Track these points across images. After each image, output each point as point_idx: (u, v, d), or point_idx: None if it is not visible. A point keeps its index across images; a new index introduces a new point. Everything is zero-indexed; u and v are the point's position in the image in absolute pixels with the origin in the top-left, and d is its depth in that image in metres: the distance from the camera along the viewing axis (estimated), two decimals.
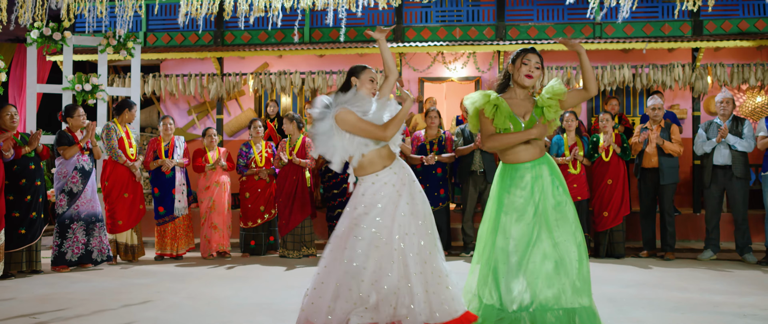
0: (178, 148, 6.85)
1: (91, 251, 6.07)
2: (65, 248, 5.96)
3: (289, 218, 6.76)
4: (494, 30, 9.10)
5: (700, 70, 8.57)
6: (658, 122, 6.67)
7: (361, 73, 3.51)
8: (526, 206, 3.33)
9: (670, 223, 6.68)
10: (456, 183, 7.60)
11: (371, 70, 3.53)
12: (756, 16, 8.69)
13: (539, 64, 3.40)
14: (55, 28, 7.46)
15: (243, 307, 4.26)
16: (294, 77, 9.09)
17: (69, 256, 5.97)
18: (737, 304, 4.34)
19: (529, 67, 3.38)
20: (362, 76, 3.48)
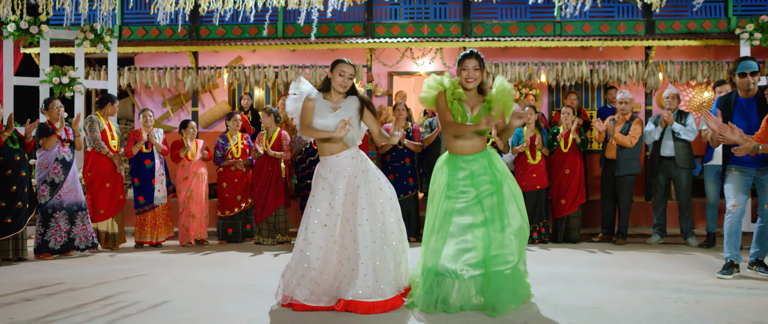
0: (157, 138, 7.08)
1: (73, 239, 6.30)
2: (48, 237, 6.17)
3: (264, 207, 7.07)
4: (460, 27, 9.50)
5: (653, 67, 9.12)
6: (625, 114, 7.12)
7: (334, 67, 4.05)
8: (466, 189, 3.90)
9: (624, 211, 7.17)
10: (424, 173, 7.99)
11: (343, 65, 4.03)
12: (703, 17, 9.26)
13: (478, 67, 3.91)
14: (32, 22, 7.59)
15: (227, 289, 4.57)
16: (267, 71, 9.37)
17: (52, 245, 6.19)
18: (675, 280, 4.83)
19: (467, 72, 3.94)
20: (334, 69, 4.02)
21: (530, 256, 6.13)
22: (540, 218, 7.13)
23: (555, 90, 9.81)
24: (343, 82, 4.02)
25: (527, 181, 7.05)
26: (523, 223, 3.96)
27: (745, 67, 5.01)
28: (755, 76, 5.00)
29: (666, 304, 4.00)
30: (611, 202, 7.28)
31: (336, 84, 4.02)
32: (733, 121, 4.99)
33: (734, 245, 4.94)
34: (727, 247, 4.98)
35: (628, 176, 7.07)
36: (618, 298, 4.21)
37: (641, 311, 3.80)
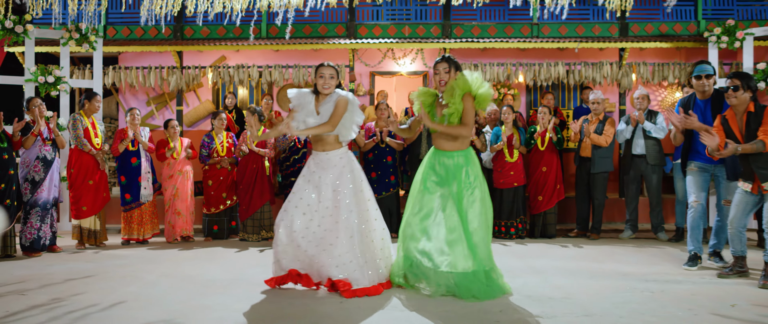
0: (143, 137, 7.20)
1: (41, 237, 6.35)
2: (41, 234, 6.28)
3: (249, 204, 7.23)
4: (440, 28, 9.72)
5: (626, 68, 9.42)
6: (598, 114, 7.38)
7: (316, 71, 4.48)
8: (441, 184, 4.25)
9: (598, 207, 7.44)
10: (405, 170, 8.20)
11: (322, 68, 4.45)
12: (674, 20, 9.58)
13: (448, 69, 4.28)
14: (17, 21, 7.67)
15: (215, 282, 4.74)
16: (251, 70, 9.50)
17: (23, 241, 6.27)
18: (643, 272, 5.10)
19: (439, 75, 4.34)
20: (316, 73, 4.46)
21: (508, 250, 6.38)
22: (517, 214, 7.37)
23: (532, 90, 10.07)
24: (324, 83, 4.39)
25: (505, 178, 7.30)
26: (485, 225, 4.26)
27: (700, 71, 5.32)
28: (709, 79, 5.30)
29: (633, 294, 4.26)
30: (586, 198, 7.55)
31: (319, 87, 4.43)
32: None
33: (697, 238, 5.23)
34: (690, 240, 5.27)
35: (601, 174, 7.34)
36: (588, 288, 4.46)
37: (609, 300, 4.05)
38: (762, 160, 4.52)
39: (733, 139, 4.65)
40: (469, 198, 4.22)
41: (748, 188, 4.66)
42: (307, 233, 4.32)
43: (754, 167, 4.56)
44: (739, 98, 4.60)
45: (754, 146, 4.45)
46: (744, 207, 4.70)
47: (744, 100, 4.60)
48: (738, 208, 4.73)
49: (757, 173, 4.56)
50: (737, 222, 4.74)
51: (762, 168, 4.53)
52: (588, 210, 7.59)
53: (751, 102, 4.60)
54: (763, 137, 4.45)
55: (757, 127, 4.53)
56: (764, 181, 4.55)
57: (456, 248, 4.14)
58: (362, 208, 4.36)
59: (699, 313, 3.72)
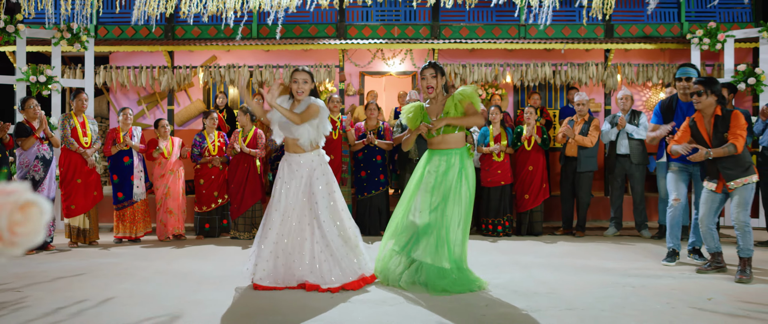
0: (135, 136, 7.27)
1: None
2: None
3: (240, 203, 7.32)
4: (429, 29, 9.85)
5: (612, 69, 9.60)
6: (582, 115, 7.54)
7: (291, 75, 4.59)
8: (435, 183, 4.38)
9: (583, 206, 7.60)
10: (394, 169, 8.32)
11: (296, 74, 4.56)
12: (658, 22, 9.78)
13: (435, 74, 4.41)
14: (8, 21, 7.70)
15: (208, 279, 4.83)
16: (242, 70, 9.59)
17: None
18: (625, 268, 5.25)
19: (426, 81, 4.48)
20: (291, 77, 4.56)
21: (495, 247, 6.52)
22: (504, 212, 7.51)
23: (520, 90, 10.23)
24: (298, 88, 4.51)
25: (492, 177, 7.44)
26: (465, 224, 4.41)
27: (683, 73, 5.49)
28: (691, 81, 5.46)
29: (614, 289, 4.40)
30: (571, 197, 7.70)
31: (293, 91, 4.56)
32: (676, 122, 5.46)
33: (676, 235, 5.41)
34: (669, 237, 5.45)
35: (586, 173, 7.49)
36: (572, 283, 4.60)
37: (591, 295, 4.19)
38: (728, 161, 4.69)
39: (700, 141, 4.83)
40: (456, 197, 4.35)
41: (713, 187, 4.84)
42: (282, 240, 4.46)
43: (719, 167, 4.75)
44: (703, 103, 4.77)
45: (726, 150, 4.63)
46: (711, 205, 4.88)
47: (709, 104, 4.77)
48: (705, 206, 4.90)
49: (723, 173, 4.73)
50: (707, 220, 4.91)
51: (728, 168, 4.70)
52: (573, 208, 7.74)
53: (718, 106, 4.77)
54: (733, 140, 4.62)
55: (724, 129, 4.70)
56: (729, 180, 4.72)
57: (434, 245, 4.32)
58: (334, 208, 4.51)
59: (677, 306, 3.86)
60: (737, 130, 4.63)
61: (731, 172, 4.69)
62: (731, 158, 4.68)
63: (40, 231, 0.87)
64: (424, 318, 3.59)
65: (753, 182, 4.71)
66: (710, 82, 4.75)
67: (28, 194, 0.85)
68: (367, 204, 7.57)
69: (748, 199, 4.72)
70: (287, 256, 4.45)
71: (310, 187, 4.49)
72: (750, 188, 4.71)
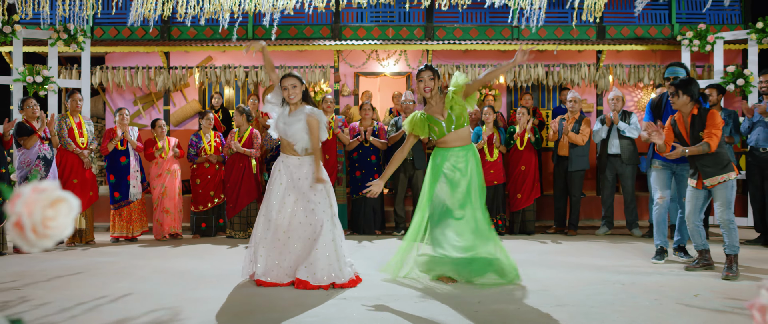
0: (131, 136, 7.33)
1: None
2: None
3: (236, 202, 7.40)
4: (424, 30, 9.94)
5: (603, 70, 9.72)
6: (574, 114, 7.65)
7: (280, 82, 4.61)
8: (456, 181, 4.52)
9: (575, 204, 7.71)
10: None
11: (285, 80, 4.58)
12: (649, 23, 9.90)
13: (432, 76, 4.53)
14: (5, 21, 7.75)
15: (206, 277, 4.90)
16: (238, 71, 9.66)
17: None
18: (616, 265, 5.35)
19: (424, 83, 4.59)
20: (280, 84, 4.60)
21: None
22: (497, 211, 7.61)
23: (513, 90, 10.33)
24: (289, 94, 4.55)
25: (485, 176, 7.50)
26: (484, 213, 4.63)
27: (671, 73, 5.64)
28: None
29: (605, 286, 4.50)
30: (563, 196, 7.81)
31: (285, 98, 4.60)
32: (663, 120, 5.59)
33: (662, 233, 5.55)
34: (656, 235, 5.58)
35: (578, 172, 7.60)
36: (563, 281, 4.69)
37: (582, 292, 4.29)
38: (706, 159, 4.85)
39: (681, 140, 4.99)
40: (478, 191, 4.58)
41: (693, 184, 5.00)
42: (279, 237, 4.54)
43: (698, 165, 4.91)
44: (678, 103, 4.94)
45: (700, 148, 4.80)
46: (695, 203, 5.02)
47: (684, 104, 4.93)
48: (690, 204, 5.05)
49: (701, 171, 4.89)
50: (693, 217, 5.05)
51: (705, 166, 4.86)
52: (565, 207, 7.84)
53: (695, 106, 4.93)
54: (707, 139, 4.79)
55: (700, 128, 4.86)
56: (706, 177, 4.87)
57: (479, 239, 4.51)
58: (332, 211, 4.61)
59: (664, 302, 3.96)
60: (712, 129, 4.79)
61: (709, 169, 4.85)
62: (709, 156, 4.83)
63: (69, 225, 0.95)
64: (418, 314, 3.68)
65: (732, 180, 4.84)
66: (684, 83, 4.93)
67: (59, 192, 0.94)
68: (362, 204, 7.66)
69: (730, 198, 4.84)
70: (285, 254, 4.52)
71: (306, 189, 4.57)
72: (730, 186, 4.84)
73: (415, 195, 7.76)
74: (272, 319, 3.61)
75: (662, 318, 3.58)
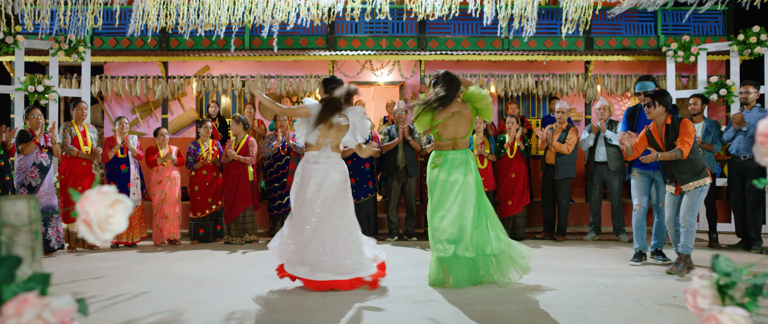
0: (132, 144, 7.51)
1: (49, 240, 6.68)
2: (49, 236, 6.59)
3: (232, 208, 7.58)
4: (416, 41, 10.18)
5: (592, 80, 9.98)
6: (562, 124, 7.87)
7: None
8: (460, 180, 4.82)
9: (562, 211, 7.92)
10: (382, 177, 8.61)
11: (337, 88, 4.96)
12: (636, 35, 10.18)
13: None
14: (7, 32, 7.92)
15: (205, 281, 5.08)
16: (235, 80, 9.86)
17: (53, 245, 6.57)
18: (600, 269, 5.57)
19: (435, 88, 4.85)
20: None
21: None
22: None
23: (504, 100, 10.57)
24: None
25: None
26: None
27: (641, 87, 5.98)
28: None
29: (589, 288, 4.71)
30: (551, 203, 8.02)
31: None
32: (637, 129, 5.92)
33: (641, 237, 5.83)
34: (635, 239, 5.85)
35: (565, 180, 7.82)
36: (550, 283, 4.90)
37: (567, 293, 4.50)
38: (681, 166, 5.17)
39: (656, 148, 5.28)
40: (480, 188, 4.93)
41: (672, 190, 5.30)
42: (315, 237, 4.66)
43: (674, 172, 5.21)
44: (653, 113, 5.25)
45: (673, 154, 5.11)
46: (673, 208, 5.35)
47: (659, 114, 5.24)
48: (669, 209, 5.38)
49: (678, 177, 5.20)
50: (672, 221, 5.38)
51: (681, 172, 5.18)
52: (554, 213, 8.05)
53: (669, 115, 5.24)
54: (680, 146, 5.11)
55: (674, 137, 5.17)
56: (683, 183, 5.18)
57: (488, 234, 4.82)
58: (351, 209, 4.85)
59: (644, 303, 4.18)
60: (684, 136, 5.11)
61: (684, 175, 5.16)
62: (684, 163, 5.14)
63: (124, 222, 1.15)
64: (410, 315, 3.88)
65: (705, 185, 5.15)
66: (658, 94, 5.24)
67: (117, 195, 1.14)
68: (356, 210, 7.83)
69: (696, 202, 5.16)
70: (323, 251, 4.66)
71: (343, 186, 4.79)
72: (700, 191, 5.15)
73: (408, 203, 7.96)
74: (272, 320, 3.80)
75: (641, 317, 3.80)
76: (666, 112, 5.24)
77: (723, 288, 1.22)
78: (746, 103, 6.96)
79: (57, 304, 1.04)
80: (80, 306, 1.09)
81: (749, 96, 6.92)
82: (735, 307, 1.17)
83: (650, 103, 5.25)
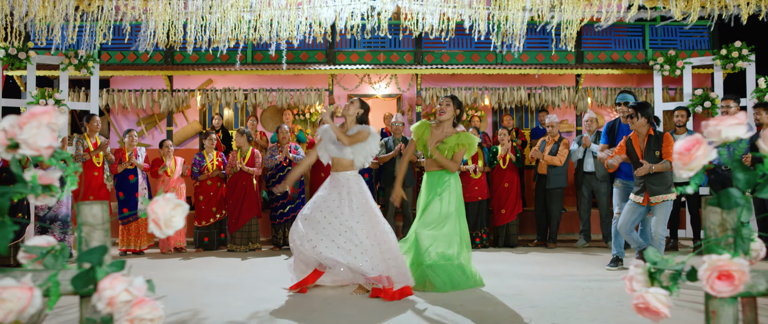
0: (139, 156, 7.83)
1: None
2: None
3: (238, 218, 7.88)
4: (413, 56, 10.53)
5: (582, 93, 10.33)
6: (553, 136, 8.19)
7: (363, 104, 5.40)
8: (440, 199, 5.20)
9: (554, 219, 8.23)
10: (381, 187, 8.92)
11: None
12: (624, 49, 10.54)
13: (450, 103, 5.16)
14: (20, 48, 8.25)
15: (213, 286, 5.38)
16: (238, 93, 10.20)
17: None
18: (588, 274, 5.88)
19: (441, 106, 5.19)
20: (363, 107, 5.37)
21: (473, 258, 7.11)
22: (481, 226, 8.13)
23: (498, 112, 10.92)
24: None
25: (470, 193, 8.05)
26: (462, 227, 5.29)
27: (622, 99, 6.33)
28: (628, 105, 6.23)
29: (575, 291, 5.02)
30: (543, 211, 8.34)
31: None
32: (616, 142, 6.27)
33: (619, 244, 6.19)
34: (613, 245, 6.20)
35: (556, 189, 8.13)
36: (538, 287, 5.21)
37: (553, 295, 4.81)
38: (655, 179, 5.46)
39: (634, 157, 5.56)
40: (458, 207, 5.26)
41: (640, 200, 5.58)
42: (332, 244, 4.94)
43: (647, 183, 5.50)
44: (636, 124, 5.55)
45: (664, 166, 5.41)
46: (630, 216, 5.64)
47: (641, 125, 5.54)
48: (626, 217, 5.66)
49: (649, 189, 5.50)
50: (625, 229, 5.68)
51: (654, 184, 5.48)
52: (546, 222, 8.37)
53: (650, 127, 5.55)
54: (669, 158, 5.42)
55: (656, 147, 5.47)
56: (653, 195, 5.49)
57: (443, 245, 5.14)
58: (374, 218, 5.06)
59: (625, 303, 4.49)
60: (670, 149, 5.41)
61: (656, 188, 5.46)
62: (659, 176, 5.44)
63: (182, 221, 1.47)
64: (409, 317, 4.19)
65: (671, 200, 5.48)
66: (641, 106, 5.56)
67: (177, 200, 1.45)
68: None
69: (666, 215, 5.50)
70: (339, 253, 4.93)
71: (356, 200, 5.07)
72: (669, 205, 5.49)
73: (405, 211, 8.28)
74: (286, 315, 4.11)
75: (619, 316, 4.11)
76: (648, 124, 5.55)
77: (653, 274, 1.54)
78: None
79: (136, 282, 1.35)
80: (149, 285, 1.40)
81: (730, 110, 7.27)
82: (658, 288, 1.49)
83: (633, 115, 5.54)
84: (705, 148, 1.41)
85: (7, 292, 1.28)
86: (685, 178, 1.48)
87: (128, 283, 1.36)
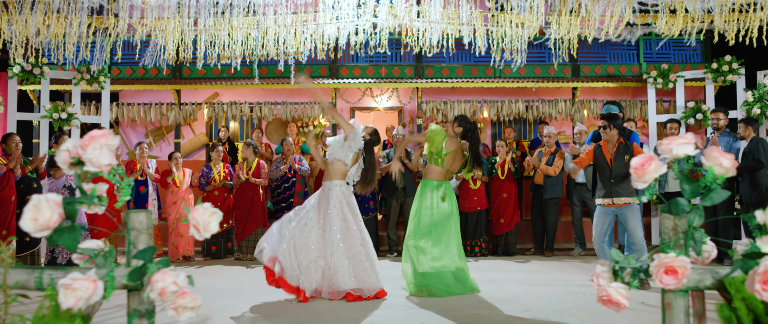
0: (150, 167, 8.11)
1: None
2: (57, 253, 7.13)
3: (245, 227, 8.14)
4: (413, 70, 10.83)
5: (579, 105, 10.61)
6: (550, 147, 8.45)
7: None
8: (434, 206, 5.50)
9: (550, 228, 8.47)
10: (382, 197, 9.18)
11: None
12: (619, 62, 10.83)
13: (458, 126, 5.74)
14: (34, 64, 8.55)
15: (223, 292, 5.64)
16: (243, 106, 10.50)
17: (59, 260, 7.13)
18: (581, 280, 6.12)
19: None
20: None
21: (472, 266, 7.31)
22: (480, 235, 8.38)
23: (496, 124, 11.20)
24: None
25: (469, 203, 8.32)
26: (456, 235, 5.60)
27: (607, 110, 6.63)
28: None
29: (568, 296, 5.27)
30: (540, 221, 8.59)
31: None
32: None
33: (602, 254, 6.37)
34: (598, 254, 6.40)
35: (552, 199, 8.38)
36: (533, 292, 5.47)
37: (547, 300, 5.06)
38: (621, 183, 5.68)
39: (604, 164, 5.80)
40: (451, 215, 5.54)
41: (606, 202, 5.74)
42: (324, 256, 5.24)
43: (613, 187, 5.70)
44: (608, 134, 5.83)
45: None
46: (602, 226, 5.81)
47: (613, 135, 5.82)
48: (598, 228, 5.82)
49: (614, 191, 5.70)
50: (599, 239, 5.82)
51: (619, 188, 5.70)
52: (543, 231, 8.61)
53: (621, 137, 5.83)
54: None
55: (626, 153, 5.73)
56: (616, 196, 5.68)
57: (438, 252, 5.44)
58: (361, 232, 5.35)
59: None
60: None
61: (621, 191, 5.69)
62: (625, 182, 5.66)
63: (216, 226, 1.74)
64: (408, 318, 4.45)
65: (638, 204, 5.75)
66: (612, 117, 5.82)
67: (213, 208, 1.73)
68: None
69: (637, 219, 5.73)
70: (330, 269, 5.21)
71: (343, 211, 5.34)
72: (635, 208, 5.73)
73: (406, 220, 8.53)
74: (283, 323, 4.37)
75: (609, 319, 4.36)
76: (619, 134, 5.83)
77: (616, 272, 1.81)
78: (717, 129, 7.57)
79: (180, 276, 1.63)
80: (189, 280, 1.68)
81: (720, 122, 7.54)
82: (619, 283, 1.76)
83: (606, 126, 5.82)
84: (656, 164, 1.68)
85: (78, 282, 1.55)
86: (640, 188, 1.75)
87: (176, 277, 1.63)
